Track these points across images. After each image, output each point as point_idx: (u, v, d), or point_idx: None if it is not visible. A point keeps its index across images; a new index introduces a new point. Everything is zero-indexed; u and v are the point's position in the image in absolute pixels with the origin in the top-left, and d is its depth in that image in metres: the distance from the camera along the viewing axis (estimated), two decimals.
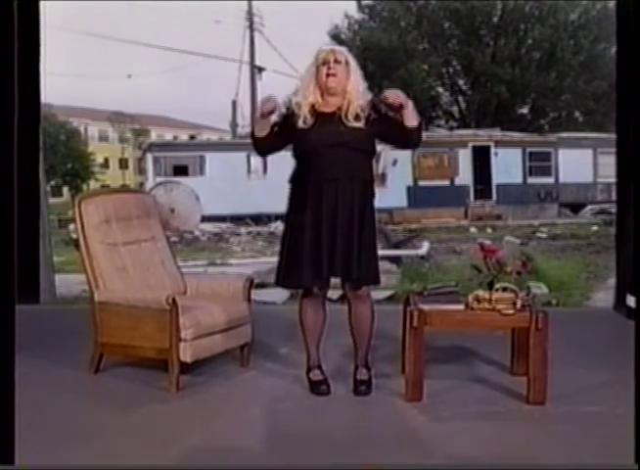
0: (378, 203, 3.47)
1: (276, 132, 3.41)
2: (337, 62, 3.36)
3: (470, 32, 29.25)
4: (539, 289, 7.96)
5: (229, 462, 2.80)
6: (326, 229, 3.33)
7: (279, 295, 7.64)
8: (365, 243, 3.37)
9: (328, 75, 3.35)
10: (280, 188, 3.53)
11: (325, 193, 3.34)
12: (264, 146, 3.46)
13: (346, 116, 3.36)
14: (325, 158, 3.33)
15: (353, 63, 3.42)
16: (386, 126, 3.40)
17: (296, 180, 3.45)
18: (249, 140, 3.55)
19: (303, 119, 3.37)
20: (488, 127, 26.20)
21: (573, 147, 23.31)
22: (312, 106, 3.39)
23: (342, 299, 3.67)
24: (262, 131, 3.39)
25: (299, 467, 2.72)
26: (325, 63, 3.36)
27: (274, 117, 3.37)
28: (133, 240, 4.00)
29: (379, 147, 3.51)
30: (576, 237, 16.30)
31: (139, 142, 32.31)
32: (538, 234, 17.25)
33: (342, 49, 3.49)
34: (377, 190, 3.50)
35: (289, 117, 3.42)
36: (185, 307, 3.60)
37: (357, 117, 3.36)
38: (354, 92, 3.37)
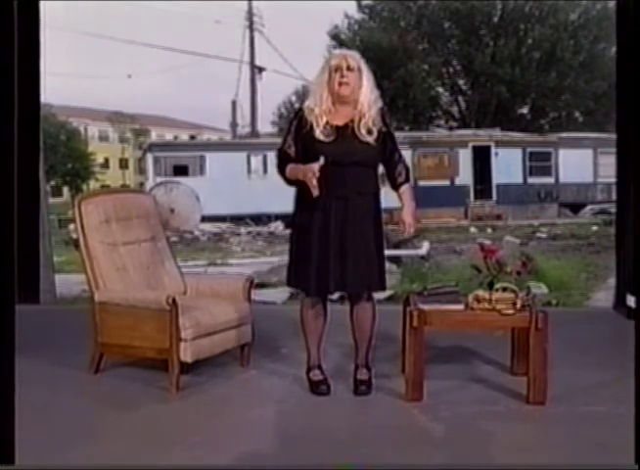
0: None
1: (294, 151, 3.36)
2: (349, 69, 3.29)
3: (470, 32, 29.24)
4: (539, 289, 7.97)
5: (229, 462, 2.80)
6: (334, 244, 3.32)
7: (279, 295, 7.65)
8: (376, 255, 3.39)
9: (340, 84, 3.29)
10: (280, 188, 3.52)
11: (334, 209, 3.32)
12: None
13: (359, 128, 3.32)
14: (336, 175, 3.28)
15: (366, 69, 3.35)
16: (384, 159, 3.44)
17: (304, 193, 3.34)
18: (249, 140, 3.55)
19: (322, 131, 3.31)
20: (488, 127, 26.19)
21: (574, 147, 23.30)
22: (326, 119, 3.32)
23: (342, 299, 3.67)
24: (291, 178, 3.33)
25: (299, 467, 2.72)
26: (337, 70, 3.30)
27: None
28: (133, 240, 4.00)
29: None
30: (576, 237, 16.31)
31: (139, 142, 32.31)
32: (538, 234, 17.25)
33: (355, 54, 3.40)
34: None
35: (301, 126, 3.35)
36: (185, 307, 3.60)
37: (369, 131, 3.33)
38: (366, 102, 3.33)
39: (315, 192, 3.20)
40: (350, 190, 3.33)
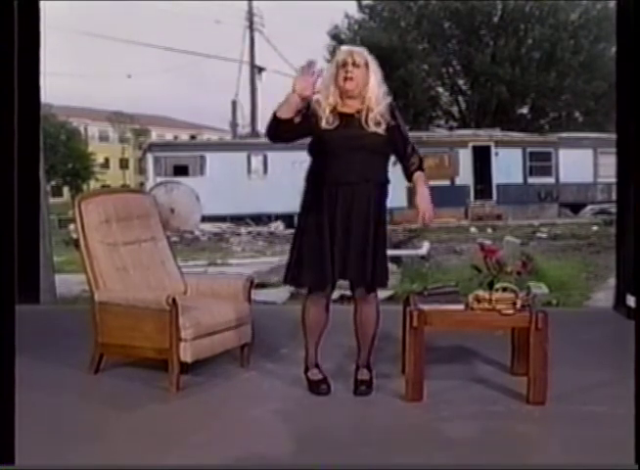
0: None
1: (297, 123, 3.29)
2: (355, 65, 3.31)
3: (470, 32, 29.24)
4: (539, 289, 7.97)
5: (229, 462, 2.80)
6: (340, 231, 3.32)
7: (279, 295, 7.66)
8: (379, 246, 3.38)
9: (345, 79, 3.31)
10: (280, 188, 3.54)
11: (341, 196, 3.32)
12: (282, 129, 3.28)
13: (367, 121, 3.33)
14: (343, 160, 3.30)
15: (373, 64, 3.37)
16: (398, 152, 3.44)
17: (312, 180, 3.42)
18: (249, 140, 3.54)
19: (327, 120, 3.32)
20: (488, 127, 26.18)
21: (574, 147, 23.30)
22: (333, 107, 3.35)
23: (343, 299, 3.67)
24: (287, 113, 3.23)
25: (300, 467, 2.72)
26: (344, 65, 3.32)
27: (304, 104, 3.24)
28: (133, 240, 4.00)
29: None
30: (576, 237, 16.32)
31: (139, 142, 32.30)
32: (538, 234, 17.26)
33: (362, 50, 3.42)
34: None
35: (309, 115, 3.34)
36: (185, 307, 3.60)
37: (378, 124, 3.34)
38: (374, 98, 3.34)
39: (308, 92, 3.16)
40: (357, 176, 3.32)
